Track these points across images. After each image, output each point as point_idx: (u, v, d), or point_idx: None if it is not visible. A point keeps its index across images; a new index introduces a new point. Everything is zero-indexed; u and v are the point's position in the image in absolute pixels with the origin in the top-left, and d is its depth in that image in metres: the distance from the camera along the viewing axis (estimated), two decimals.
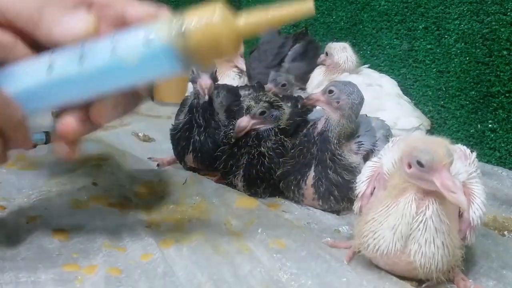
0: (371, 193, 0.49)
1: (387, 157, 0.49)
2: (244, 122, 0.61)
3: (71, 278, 0.40)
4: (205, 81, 0.66)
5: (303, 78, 0.96)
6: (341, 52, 0.89)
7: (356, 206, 0.50)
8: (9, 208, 0.52)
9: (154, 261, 0.44)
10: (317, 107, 0.64)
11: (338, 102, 0.58)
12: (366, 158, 0.61)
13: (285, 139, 0.63)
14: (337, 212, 0.61)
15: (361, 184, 0.49)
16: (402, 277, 0.46)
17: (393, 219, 0.43)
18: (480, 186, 0.46)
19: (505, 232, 0.58)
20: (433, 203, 0.42)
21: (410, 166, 0.42)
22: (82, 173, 0.62)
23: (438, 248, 0.42)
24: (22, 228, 0.48)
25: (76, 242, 0.46)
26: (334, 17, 1.15)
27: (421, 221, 0.42)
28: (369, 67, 0.92)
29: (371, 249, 0.44)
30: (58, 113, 0.39)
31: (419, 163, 0.41)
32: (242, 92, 0.79)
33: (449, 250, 0.43)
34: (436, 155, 0.40)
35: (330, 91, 0.58)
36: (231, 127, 0.65)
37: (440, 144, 0.42)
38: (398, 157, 0.45)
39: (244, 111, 0.62)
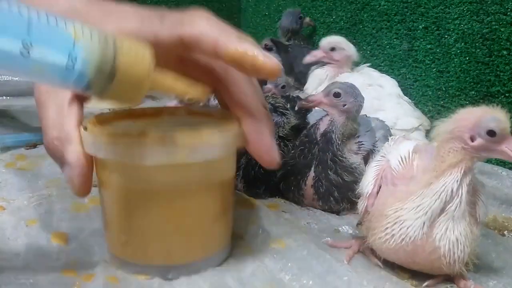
0: (377, 192, 0.48)
1: (393, 154, 0.49)
2: None
3: (70, 283, 0.40)
4: None
5: None
6: (347, 44, 0.88)
7: (362, 205, 0.49)
8: (8, 209, 0.52)
9: None
10: (316, 108, 0.64)
11: (344, 105, 0.57)
12: (366, 158, 0.61)
13: (286, 142, 0.63)
14: (337, 212, 0.61)
15: (368, 184, 0.49)
16: (403, 277, 0.46)
17: (429, 199, 0.42)
18: (481, 182, 0.47)
19: (505, 232, 0.58)
20: (465, 190, 0.42)
21: (472, 140, 0.41)
22: None
23: (461, 235, 0.42)
24: (22, 230, 0.48)
25: (75, 248, 0.45)
26: (334, 17, 1.15)
27: (455, 203, 0.42)
28: (369, 67, 0.92)
29: (396, 240, 0.43)
30: None
31: (491, 133, 0.40)
32: None
33: (469, 240, 0.43)
34: (504, 122, 0.40)
35: (337, 94, 0.57)
36: None
37: (497, 111, 0.41)
38: (443, 138, 0.44)
39: None
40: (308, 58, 0.91)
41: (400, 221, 0.43)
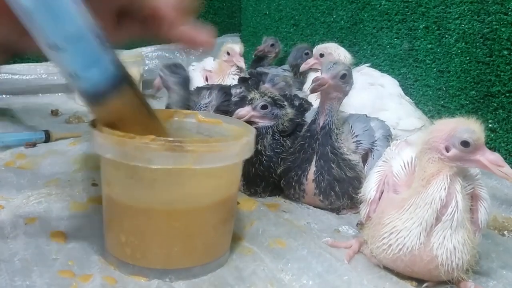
0: (379, 198, 0.48)
1: (396, 160, 0.48)
2: (244, 111, 0.60)
3: (66, 284, 0.40)
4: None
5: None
6: (337, 49, 0.90)
7: (364, 211, 0.49)
8: (7, 207, 0.52)
9: None
10: (314, 106, 0.64)
11: (347, 86, 0.57)
12: (364, 157, 0.61)
13: (284, 139, 0.63)
14: (337, 211, 0.60)
15: (371, 190, 0.49)
16: (403, 277, 0.46)
17: (421, 210, 0.42)
18: (485, 189, 0.46)
19: (505, 232, 0.58)
20: (460, 197, 0.42)
21: (447, 150, 0.42)
22: (82, 174, 0.62)
23: (459, 243, 0.42)
24: (20, 228, 0.48)
25: (73, 247, 0.45)
26: (334, 16, 1.14)
27: (450, 213, 0.42)
28: (370, 66, 0.92)
29: (393, 250, 0.43)
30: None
31: (465, 143, 0.40)
32: (233, 91, 0.79)
33: (468, 248, 0.43)
34: (478, 133, 0.40)
35: (343, 76, 0.56)
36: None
37: (471, 122, 0.42)
38: (421, 149, 0.44)
39: (246, 102, 0.61)
40: (303, 66, 0.96)
41: (396, 231, 0.43)
